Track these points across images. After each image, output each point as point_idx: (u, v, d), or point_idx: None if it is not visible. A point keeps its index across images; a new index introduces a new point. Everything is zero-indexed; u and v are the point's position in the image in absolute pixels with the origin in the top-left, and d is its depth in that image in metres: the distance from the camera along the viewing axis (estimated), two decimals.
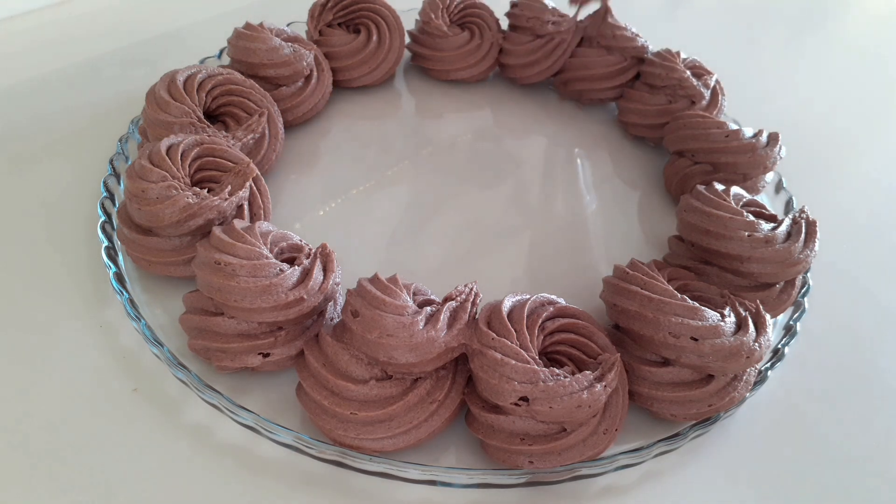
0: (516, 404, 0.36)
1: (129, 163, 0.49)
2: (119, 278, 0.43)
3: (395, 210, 0.56)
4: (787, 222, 0.46)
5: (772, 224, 0.46)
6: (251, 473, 0.38)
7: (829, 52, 0.91)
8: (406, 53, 0.67)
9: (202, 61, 0.61)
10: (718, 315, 0.40)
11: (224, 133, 0.50)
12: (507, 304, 0.39)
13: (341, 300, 0.43)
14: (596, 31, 0.65)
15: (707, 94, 0.61)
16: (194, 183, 0.45)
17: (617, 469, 0.39)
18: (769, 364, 0.44)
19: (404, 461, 0.37)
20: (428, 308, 0.38)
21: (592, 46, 0.65)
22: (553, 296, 0.42)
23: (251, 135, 0.51)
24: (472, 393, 0.39)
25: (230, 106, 0.53)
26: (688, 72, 0.61)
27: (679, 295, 0.41)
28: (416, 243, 0.54)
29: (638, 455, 0.39)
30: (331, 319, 0.42)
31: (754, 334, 0.39)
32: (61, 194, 0.52)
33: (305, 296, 0.39)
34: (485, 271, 0.51)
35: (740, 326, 0.40)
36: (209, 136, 0.48)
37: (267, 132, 0.53)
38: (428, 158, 0.61)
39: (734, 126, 0.56)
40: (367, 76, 0.64)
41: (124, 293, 0.42)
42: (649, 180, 0.62)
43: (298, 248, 0.42)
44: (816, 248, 0.46)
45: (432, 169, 0.60)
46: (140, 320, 0.41)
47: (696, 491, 0.40)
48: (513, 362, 0.36)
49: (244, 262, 0.38)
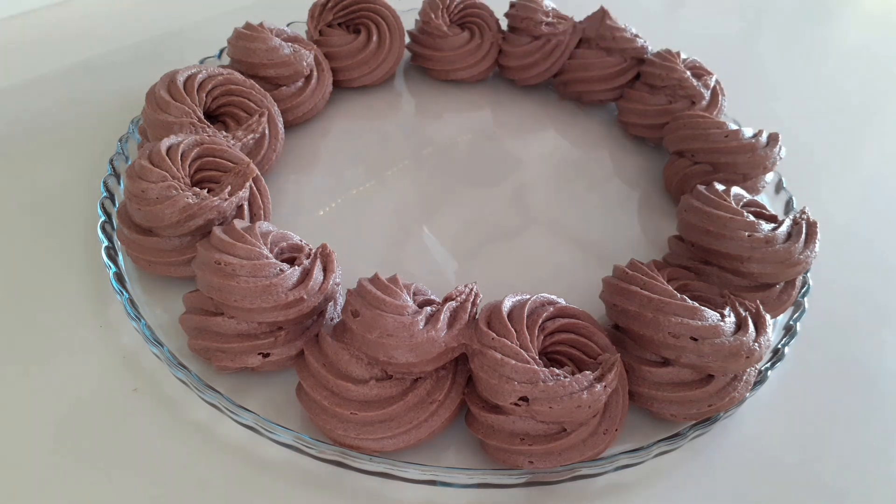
0: (516, 404, 0.36)
1: (129, 163, 0.49)
2: (119, 278, 0.43)
3: (395, 210, 0.56)
4: (788, 223, 0.46)
5: (772, 224, 0.46)
6: (251, 473, 0.38)
7: (830, 52, 0.91)
8: (406, 53, 0.67)
9: (202, 61, 0.61)
10: (718, 315, 0.40)
11: (224, 133, 0.50)
12: (507, 304, 0.39)
13: (341, 300, 0.43)
14: (595, 33, 0.65)
15: (707, 94, 0.61)
16: (194, 183, 0.45)
17: (617, 469, 0.39)
18: (769, 364, 0.44)
19: (404, 461, 0.37)
20: (428, 308, 0.38)
21: (592, 48, 0.65)
22: (553, 296, 0.42)
23: (251, 135, 0.51)
24: (472, 393, 0.39)
25: (230, 106, 0.53)
26: (688, 72, 0.61)
27: (679, 295, 0.41)
28: (416, 243, 0.54)
29: (638, 455, 0.39)
30: (331, 319, 0.42)
31: (754, 334, 0.39)
32: (61, 194, 0.52)
33: (305, 296, 0.39)
34: (485, 271, 0.51)
35: (740, 326, 0.40)
36: (209, 136, 0.48)
37: (267, 132, 0.53)
38: (428, 158, 0.61)
39: (734, 126, 0.56)
40: (367, 76, 0.64)
41: (124, 293, 0.42)
42: (649, 180, 0.62)
43: (298, 248, 0.42)
44: (817, 249, 0.46)
45: (432, 169, 0.60)
46: (140, 320, 0.41)
47: (696, 491, 0.40)
48: (513, 362, 0.36)
49: (244, 262, 0.38)
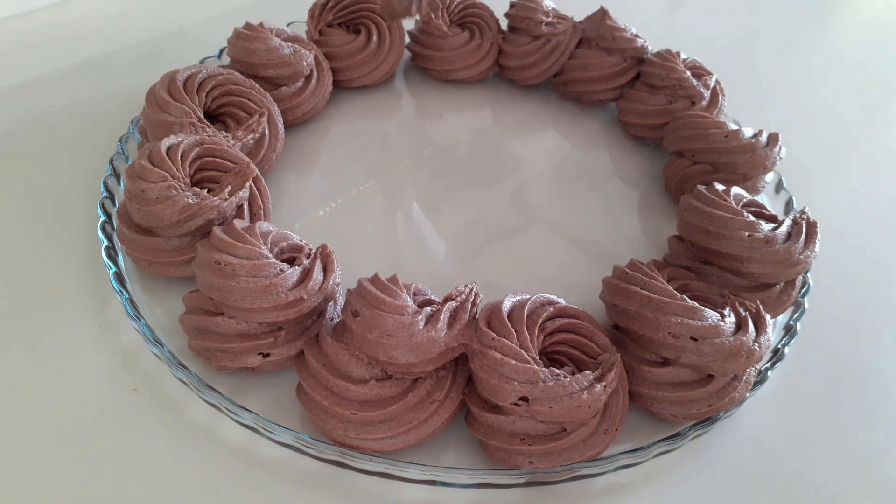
0: (516, 404, 0.36)
1: (129, 163, 0.49)
2: (119, 278, 0.43)
3: (395, 210, 0.56)
4: (788, 223, 0.46)
5: (772, 224, 0.46)
6: (251, 473, 0.38)
7: (830, 52, 0.91)
8: (406, 53, 0.67)
9: (202, 61, 0.61)
10: (718, 315, 0.40)
11: (224, 133, 0.50)
12: (507, 304, 0.39)
13: (341, 300, 0.43)
14: (595, 33, 0.65)
15: (707, 94, 0.61)
16: (194, 183, 0.45)
17: (617, 469, 0.39)
18: (769, 364, 0.44)
19: (404, 461, 0.37)
20: (428, 308, 0.38)
21: (592, 48, 0.65)
22: (553, 296, 0.42)
23: (251, 135, 0.51)
24: (472, 393, 0.39)
25: (230, 106, 0.53)
26: (688, 72, 0.61)
27: (679, 295, 0.41)
28: (417, 243, 0.54)
29: (638, 455, 0.39)
30: (331, 319, 0.42)
31: (754, 334, 0.39)
32: (61, 194, 0.52)
33: (305, 296, 0.39)
34: (485, 271, 0.51)
35: (740, 326, 0.40)
36: (209, 136, 0.48)
37: (267, 132, 0.53)
38: (428, 158, 0.61)
39: (734, 126, 0.56)
40: (367, 76, 0.64)
41: (124, 293, 0.42)
42: (649, 180, 0.62)
43: (298, 248, 0.42)
44: (817, 249, 0.46)
45: (432, 169, 0.60)
46: (140, 320, 0.41)
47: (696, 491, 0.40)
48: (513, 362, 0.36)
49: (244, 262, 0.38)
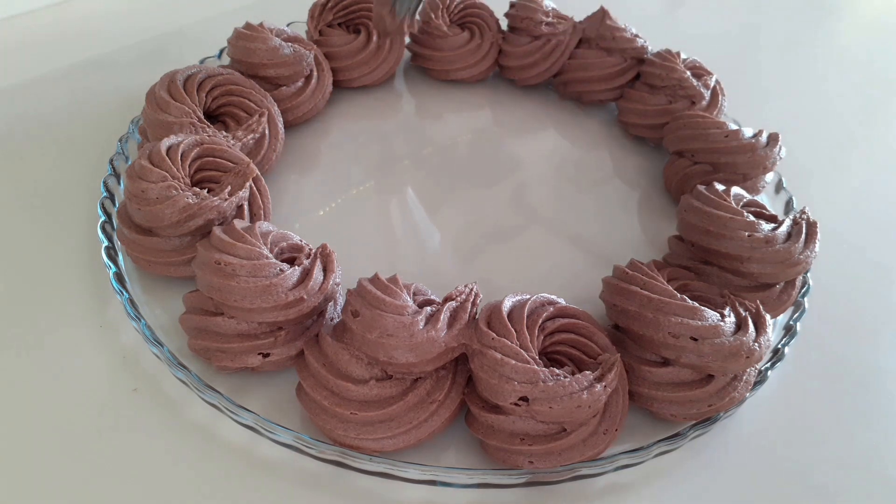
0: (516, 404, 0.36)
1: (129, 163, 0.49)
2: (119, 278, 0.43)
3: (395, 210, 0.56)
4: (788, 223, 0.46)
5: (772, 224, 0.46)
6: (251, 473, 0.38)
7: (830, 52, 0.91)
8: (406, 53, 0.67)
9: (202, 61, 0.61)
10: (718, 315, 0.40)
11: (224, 133, 0.50)
12: (507, 304, 0.39)
13: (341, 300, 0.43)
14: (595, 33, 0.65)
15: (707, 94, 0.61)
16: (194, 183, 0.45)
17: (617, 469, 0.39)
18: (769, 364, 0.44)
19: (404, 461, 0.37)
20: (428, 308, 0.38)
21: (592, 48, 0.65)
22: (553, 296, 0.42)
23: (251, 135, 0.51)
24: (472, 393, 0.39)
25: (230, 106, 0.53)
26: (688, 72, 0.61)
27: (679, 295, 0.41)
28: (417, 243, 0.54)
29: (638, 455, 0.39)
30: (331, 319, 0.42)
31: (754, 334, 0.39)
32: (61, 194, 0.52)
33: (305, 296, 0.39)
34: (485, 271, 0.51)
35: (740, 326, 0.40)
36: (209, 136, 0.48)
37: (267, 132, 0.53)
38: (428, 158, 0.61)
39: (734, 126, 0.56)
40: (367, 76, 0.64)
41: (124, 293, 0.42)
42: (649, 180, 0.62)
43: (298, 248, 0.42)
44: (817, 249, 0.46)
45: (432, 169, 0.60)
46: (140, 320, 0.41)
47: (696, 491, 0.40)
48: (513, 362, 0.36)
49: (244, 262, 0.38)
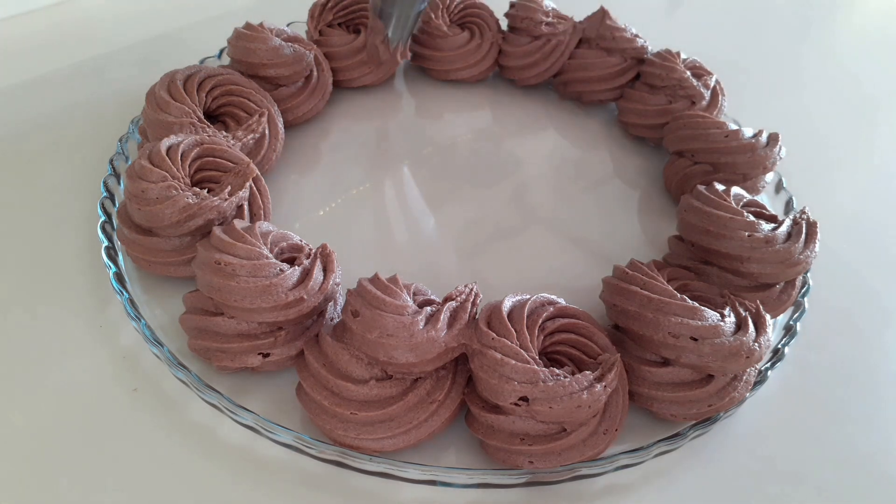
0: (516, 404, 0.36)
1: (129, 163, 0.49)
2: (119, 278, 0.43)
3: (395, 210, 0.56)
4: (788, 223, 0.46)
5: (772, 224, 0.46)
6: (251, 473, 0.38)
7: (830, 52, 0.91)
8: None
9: (202, 61, 0.61)
10: (718, 315, 0.40)
11: (224, 133, 0.50)
12: (507, 304, 0.39)
13: (341, 300, 0.43)
14: (595, 33, 0.65)
15: (707, 94, 0.61)
16: (194, 183, 0.45)
17: (617, 469, 0.39)
18: (769, 364, 0.44)
19: (404, 461, 0.37)
20: (428, 308, 0.38)
21: (592, 48, 0.65)
22: (553, 296, 0.42)
23: (251, 135, 0.51)
24: (472, 393, 0.39)
25: (230, 106, 0.53)
26: (688, 72, 0.61)
27: (679, 295, 0.41)
28: (417, 243, 0.54)
29: (638, 455, 0.39)
30: (331, 319, 0.42)
31: (754, 334, 0.39)
32: (61, 194, 0.52)
33: (305, 296, 0.39)
34: (485, 271, 0.51)
35: (740, 326, 0.40)
36: (209, 136, 0.48)
37: (267, 132, 0.53)
38: (428, 158, 0.61)
39: (734, 126, 0.56)
40: (367, 76, 0.64)
41: (124, 293, 0.42)
42: (649, 180, 0.62)
43: (298, 248, 0.42)
44: (817, 249, 0.46)
45: (432, 169, 0.60)
46: (140, 320, 0.41)
47: (696, 491, 0.40)
48: (513, 362, 0.36)
49: (244, 262, 0.38)
